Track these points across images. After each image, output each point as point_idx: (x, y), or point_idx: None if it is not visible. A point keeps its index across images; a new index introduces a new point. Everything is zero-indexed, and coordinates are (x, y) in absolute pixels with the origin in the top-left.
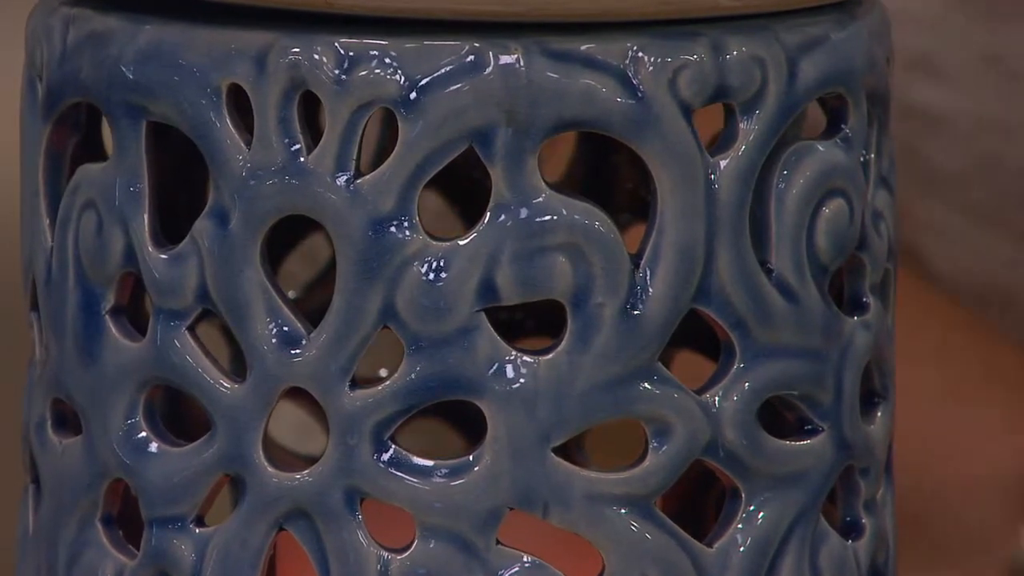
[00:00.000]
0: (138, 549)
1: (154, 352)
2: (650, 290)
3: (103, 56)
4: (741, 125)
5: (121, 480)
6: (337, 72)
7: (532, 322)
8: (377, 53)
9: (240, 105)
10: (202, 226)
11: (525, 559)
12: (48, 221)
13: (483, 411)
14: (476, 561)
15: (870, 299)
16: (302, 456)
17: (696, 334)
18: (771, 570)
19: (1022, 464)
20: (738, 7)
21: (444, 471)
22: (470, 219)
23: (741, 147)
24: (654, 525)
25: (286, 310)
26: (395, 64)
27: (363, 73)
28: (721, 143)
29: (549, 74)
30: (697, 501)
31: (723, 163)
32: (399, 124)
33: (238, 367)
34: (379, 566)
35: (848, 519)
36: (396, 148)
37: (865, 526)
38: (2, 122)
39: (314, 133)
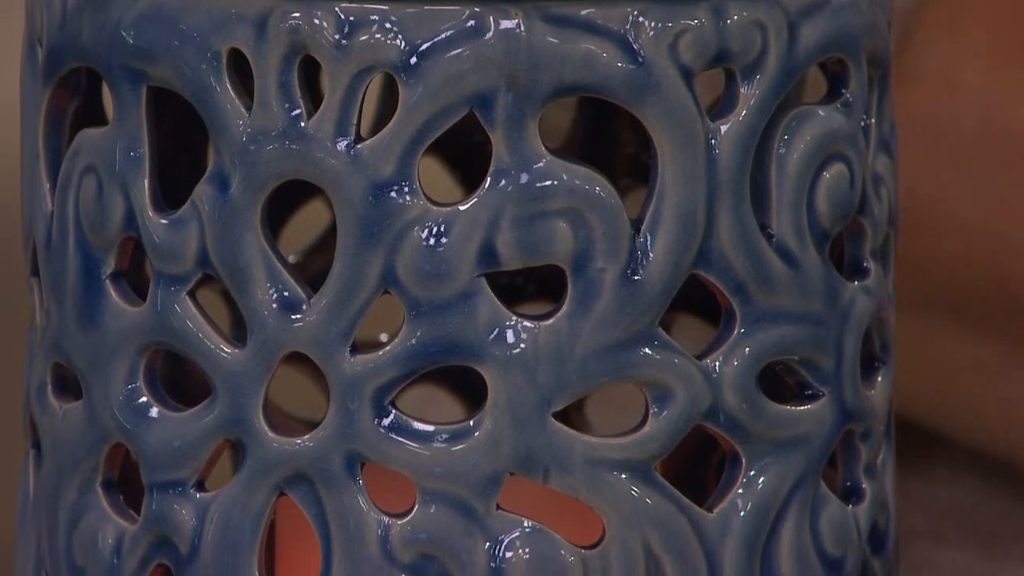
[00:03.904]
0: (139, 513)
1: (154, 317)
2: (650, 255)
3: (103, 20)
4: (742, 90)
5: (121, 445)
6: (337, 37)
7: (532, 287)
8: (377, 18)
9: (240, 69)
10: (202, 191)
11: (525, 524)
12: (48, 186)
13: (483, 376)
14: (476, 526)
15: (871, 264)
16: (303, 421)
17: (697, 299)
18: (771, 534)
19: None
20: None
21: (444, 436)
22: (471, 184)
23: (742, 112)
24: (654, 490)
25: (286, 275)
26: (395, 29)
27: (363, 38)
28: (722, 108)
29: (549, 39)
30: (697, 466)
31: (724, 128)
32: (399, 89)
33: (239, 332)
34: (379, 530)
35: (848, 484)
36: (396, 113)
37: (865, 491)
38: (2, 86)
39: (314, 98)
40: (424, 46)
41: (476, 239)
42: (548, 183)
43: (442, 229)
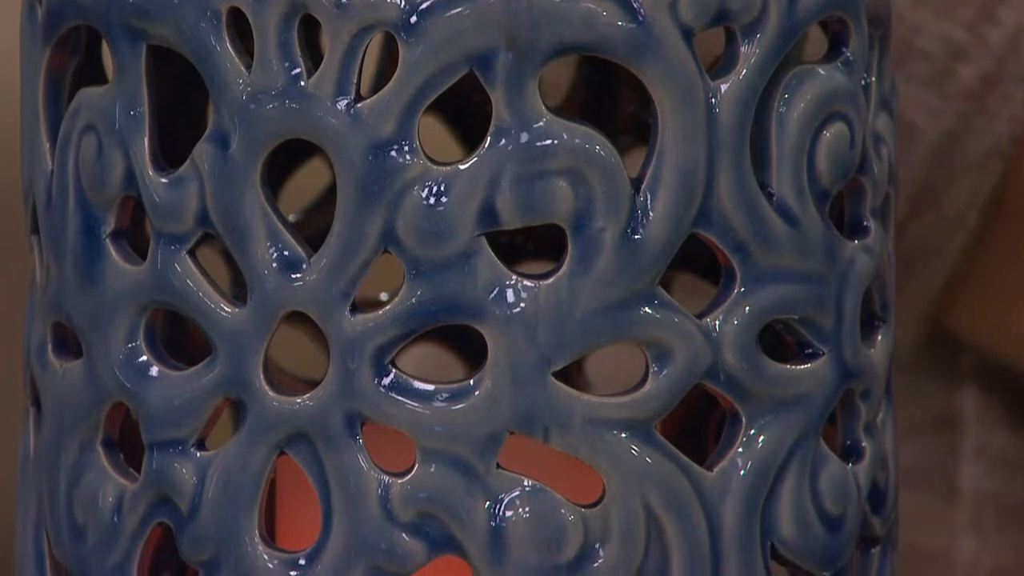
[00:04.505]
0: (139, 472)
1: (154, 276)
2: (651, 214)
3: None
4: (742, 49)
5: (122, 404)
6: None
7: (532, 246)
8: None
9: (240, 28)
10: (202, 149)
11: (526, 483)
12: (48, 145)
13: (483, 335)
14: (477, 484)
15: (871, 222)
16: (304, 380)
17: (697, 258)
18: (771, 493)
19: None
20: None
21: (445, 395)
22: (471, 143)
23: (742, 71)
24: (654, 449)
25: (287, 234)
26: None
27: None
28: (722, 67)
29: None
30: (697, 425)
31: (724, 87)
32: (399, 48)
33: (239, 291)
34: (380, 489)
35: (848, 442)
36: (396, 72)
37: (865, 449)
38: (2, 46)
39: (314, 57)
40: (424, 5)
41: (476, 198)
42: (548, 142)
43: (442, 188)
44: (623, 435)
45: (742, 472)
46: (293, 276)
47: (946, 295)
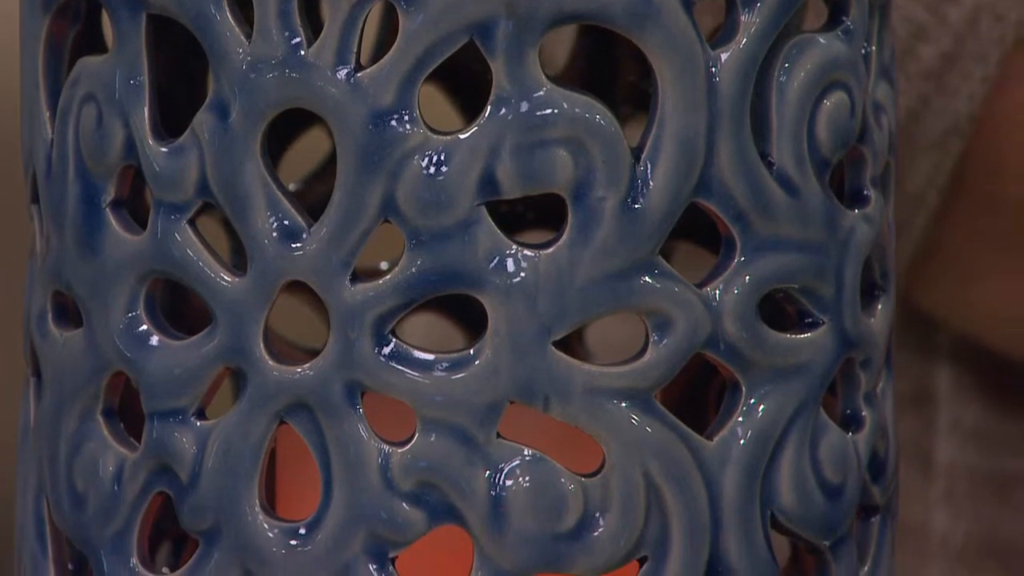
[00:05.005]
0: (139, 442)
1: (154, 245)
2: (651, 183)
3: None
4: (742, 17)
5: (122, 373)
6: None
7: (533, 215)
8: None
9: None
10: (202, 119)
11: (526, 452)
12: (48, 114)
13: (484, 305)
14: (477, 454)
15: (871, 191)
16: (304, 349)
17: (697, 227)
18: (771, 462)
19: None
20: None
21: (445, 364)
22: (471, 113)
23: (742, 40)
24: (654, 418)
25: (286, 203)
26: None
27: None
28: (722, 36)
29: None
30: (697, 394)
31: (724, 56)
32: (399, 17)
33: (239, 260)
34: (380, 459)
35: (848, 411)
36: (396, 41)
37: (865, 418)
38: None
39: (315, 26)
40: None
41: (476, 168)
42: (548, 111)
43: (442, 158)
44: (623, 404)
45: (742, 441)
46: (293, 245)
47: (912, 272)
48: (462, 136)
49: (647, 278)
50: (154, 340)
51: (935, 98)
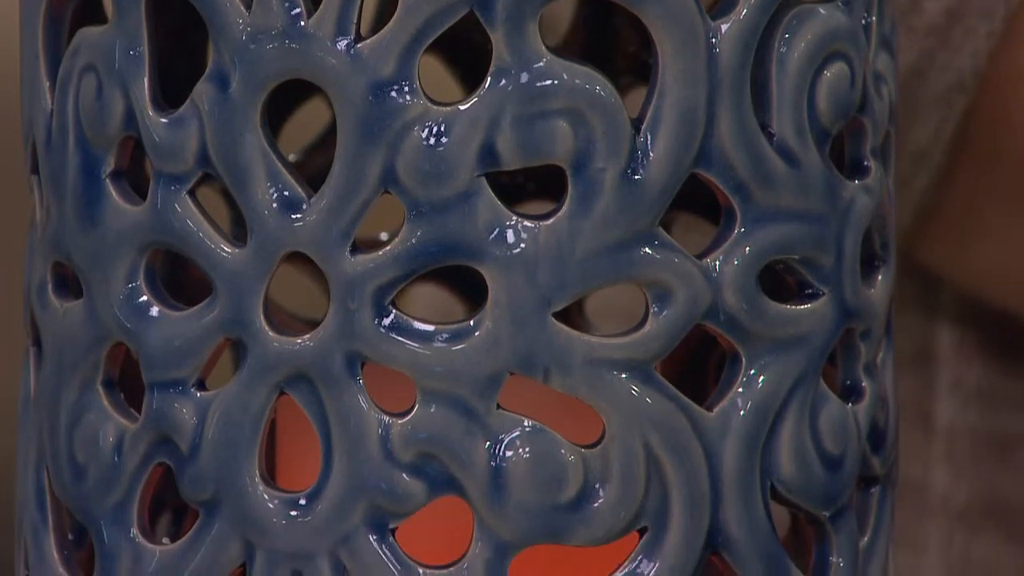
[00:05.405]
0: (139, 412)
1: (154, 216)
2: (651, 154)
3: None
4: None
5: (122, 344)
6: None
7: (533, 186)
8: None
9: None
10: (202, 89)
11: (526, 423)
12: (48, 84)
13: (484, 276)
14: (477, 425)
15: (871, 162)
16: (304, 320)
17: (697, 198)
18: (771, 433)
19: None
20: None
21: (445, 335)
22: (471, 84)
23: (742, 11)
24: (654, 389)
25: (286, 174)
26: None
27: None
28: (723, 6)
29: None
30: (697, 366)
31: (724, 27)
32: None
33: (239, 231)
34: (380, 430)
35: (848, 382)
36: (396, 12)
37: (865, 389)
38: None
39: None
40: None
41: (476, 139)
42: (548, 83)
43: (442, 129)
44: (623, 375)
45: (742, 412)
46: (293, 216)
47: (914, 229)
48: (462, 107)
49: (647, 249)
50: (154, 311)
51: (939, 54)
